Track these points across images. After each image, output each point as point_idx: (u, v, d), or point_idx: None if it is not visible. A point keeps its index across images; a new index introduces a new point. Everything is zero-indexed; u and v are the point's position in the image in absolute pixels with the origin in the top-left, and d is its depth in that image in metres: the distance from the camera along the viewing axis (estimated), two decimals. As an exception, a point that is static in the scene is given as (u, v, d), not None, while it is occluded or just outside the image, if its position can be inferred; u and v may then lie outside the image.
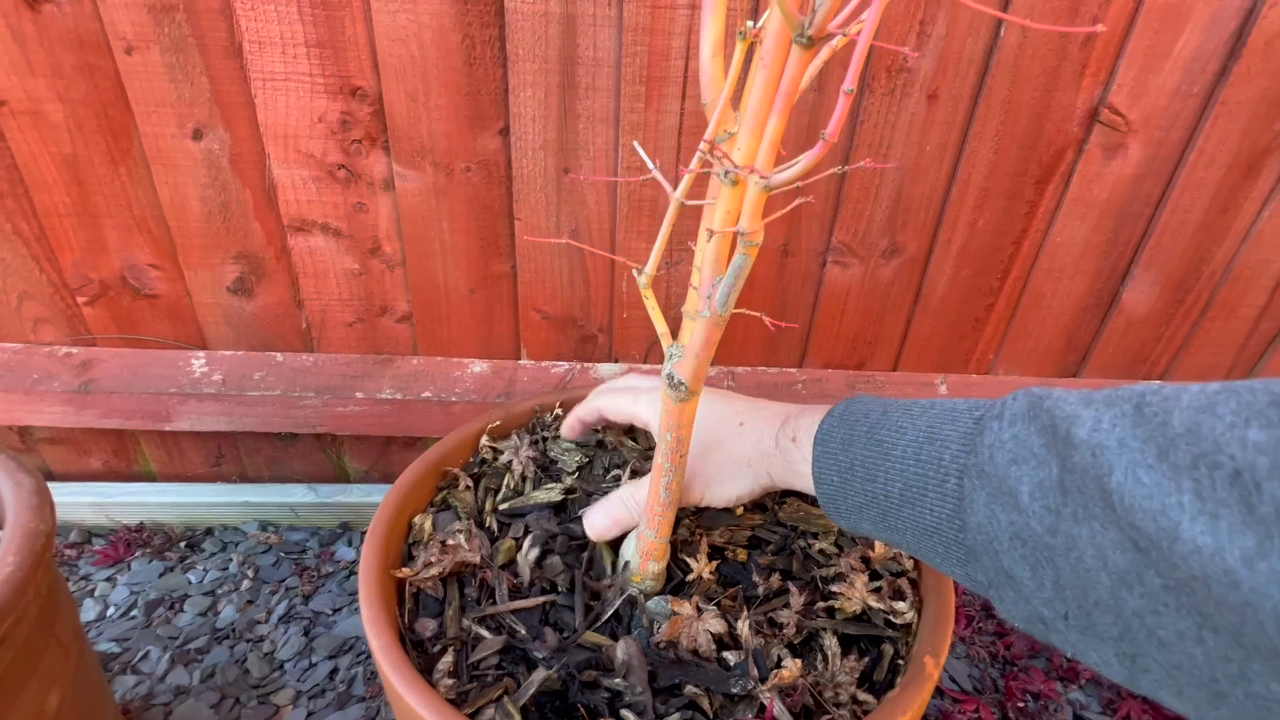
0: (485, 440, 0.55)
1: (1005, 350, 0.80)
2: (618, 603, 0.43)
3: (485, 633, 0.42)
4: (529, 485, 0.52)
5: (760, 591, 0.45)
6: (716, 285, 0.31)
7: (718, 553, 0.47)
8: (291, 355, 0.77)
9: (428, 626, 0.42)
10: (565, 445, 0.55)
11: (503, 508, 0.50)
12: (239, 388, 0.73)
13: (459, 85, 0.62)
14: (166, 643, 0.74)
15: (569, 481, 0.52)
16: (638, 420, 0.47)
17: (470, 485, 0.52)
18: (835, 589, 0.45)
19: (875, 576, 0.46)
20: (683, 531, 0.47)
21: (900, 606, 0.44)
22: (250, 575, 0.81)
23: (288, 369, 0.76)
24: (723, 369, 0.79)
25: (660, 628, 0.41)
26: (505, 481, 0.52)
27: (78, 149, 0.64)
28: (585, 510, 0.48)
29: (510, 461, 0.53)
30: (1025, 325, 0.78)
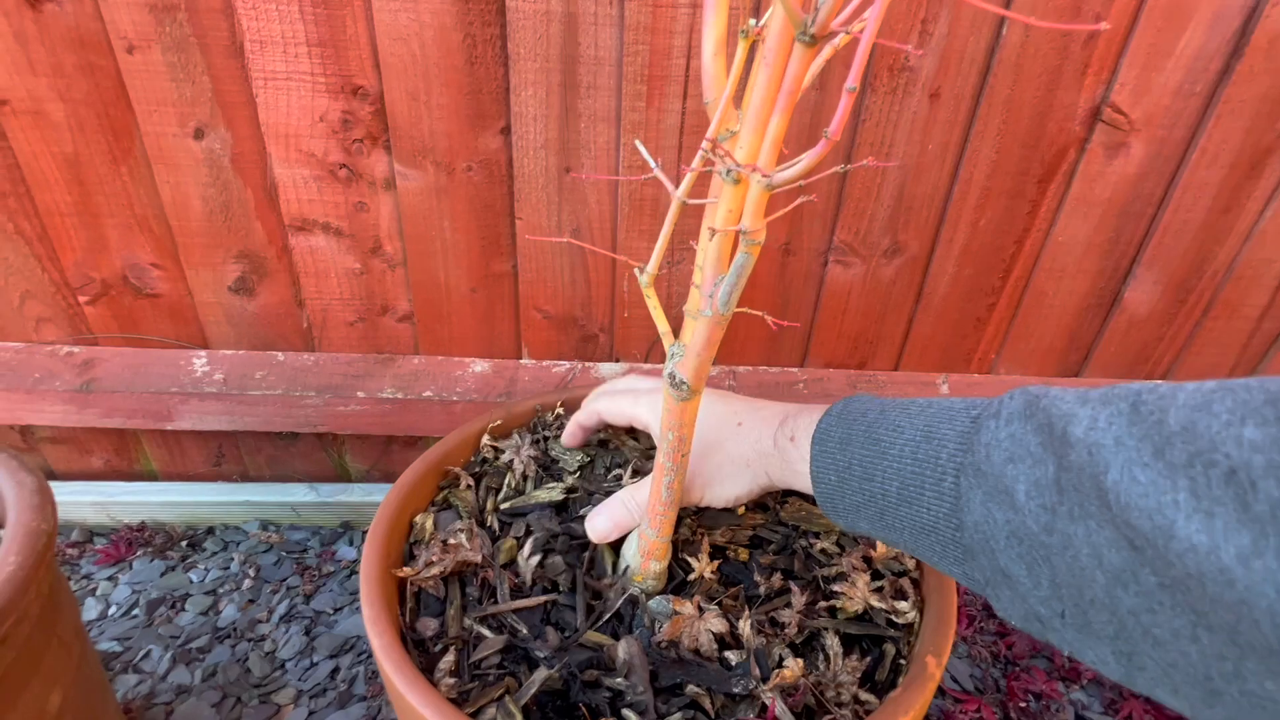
0: (486, 439, 0.55)
1: (1007, 350, 0.80)
2: (619, 602, 0.43)
3: (487, 632, 0.42)
4: (530, 484, 0.52)
5: (762, 591, 0.45)
6: (718, 284, 0.31)
7: (719, 552, 0.47)
8: (293, 354, 0.77)
9: (429, 626, 0.42)
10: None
11: (504, 507, 0.50)
12: (240, 387, 0.73)
13: (460, 84, 0.62)
14: (168, 642, 0.74)
15: (570, 481, 0.52)
16: (638, 423, 0.47)
17: (471, 484, 0.52)
18: (837, 588, 0.45)
19: (877, 576, 0.46)
20: (684, 531, 0.47)
21: (902, 606, 0.44)
22: (251, 574, 0.81)
23: (289, 368, 0.76)
24: (724, 368, 0.79)
25: (662, 627, 0.41)
26: (507, 481, 0.52)
27: (79, 148, 0.64)
28: (587, 512, 0.48)
29: (511, 461, 0.53)
30: (1027, 325, 0.78)
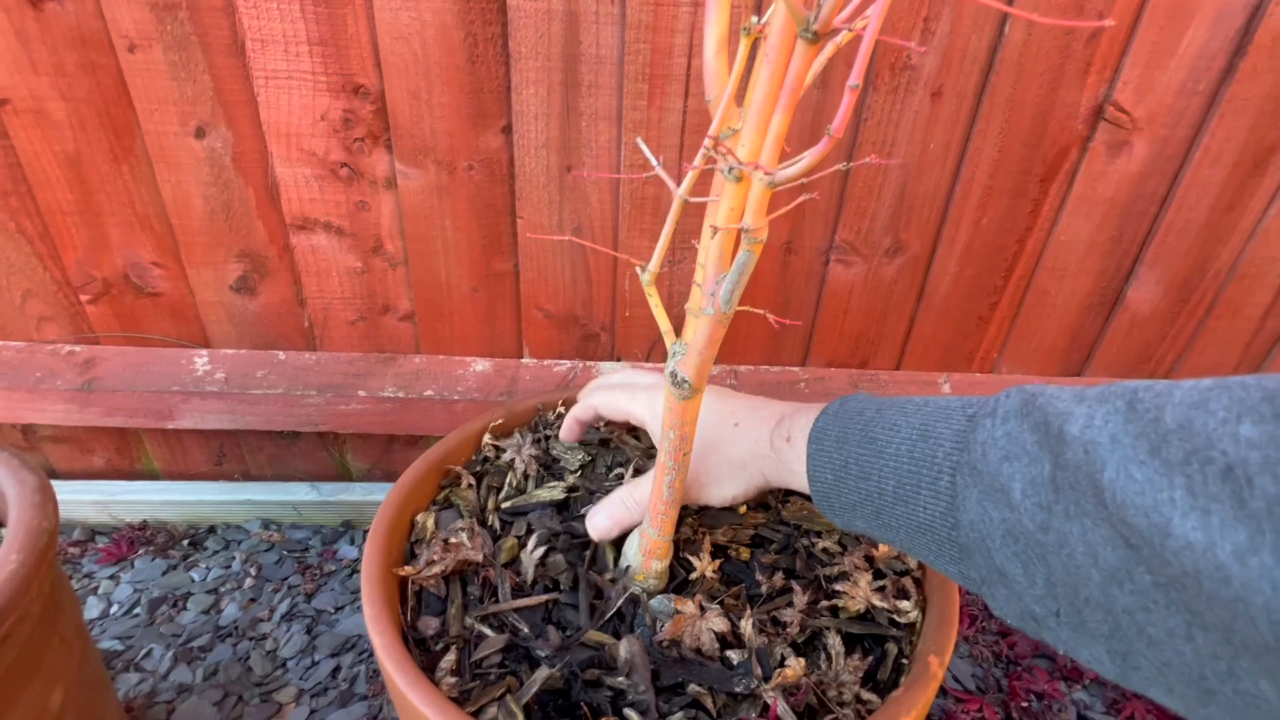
0: (488, 438, 0.55)
1: (1009, 349, 0.80)
2: (620, 601, 0.43)
3: (488, 631, 0.42)
4: (531, 483, 0.52)
5: (763, 590, 0.45)
6: (720, 282, 0.30)
7: (721, 551, 0.47)
8: (294, 353, 0.77)
9: (430, 625, 0.42)
10: (568, 444, 0.55)
11: (505, 506, 0.50)
12: (241, 386, 0.73)
13: (461, 83, 0.62)
14: (169, 640, 0.74)
15: (571, 480, 0.52)
16: (634, 418, 0.47)
17: (473, 483, 0.52)
18: (839, 588, 0.45)
19: (879, 575, 0.46)
20: (686, 530, 0.47)
21: (904, 605, 0.44)
22: (253, 573, 0.81)
23: (290, 367, 0.76)
24: (725, 367, 0.79)
25: (663, 626, 0.41)
26: (508, 480, 0.52)
27: (80, 147, 0.64)
28: (588, 511, 0.48)
29: (513, 460, 0.53)
30: (1029, 324, 0.78)
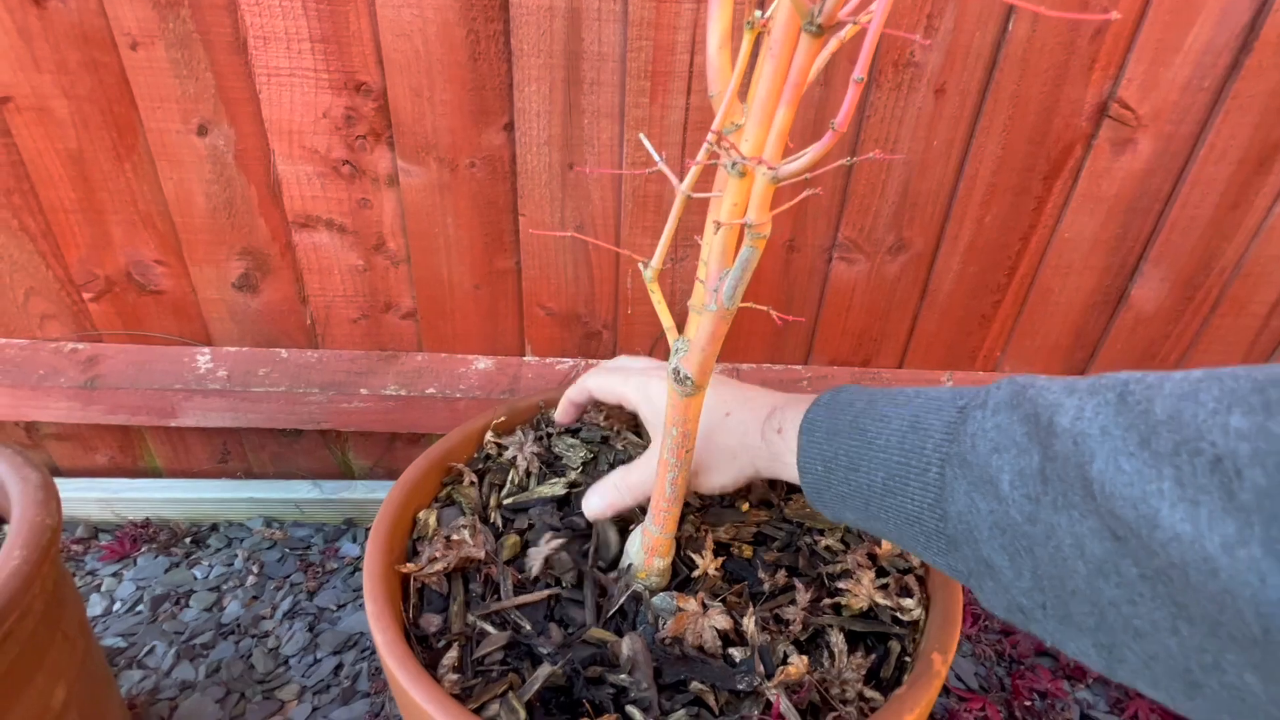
0: (490, 436, 0.55)
1: (1012, 347, 0.79)
2: (623, 599, 0.43)
3: (490, 628, 0.42)
4: (533, 481, 0.52)
5: (766, 588, 0.45)
6: (723, 278, 0.30)
7: (723, 549, 0.47)
8: (296, 351, 0.77)
9: (432, 622, 0.42)
10: (569, 441, 0.55)
11: (507, 503, 0.50)
12: (244, 384, 0.73)
13: (463, 80, 0.62)
14: (172, 638, 0.74)
15: (573, 476, 0.52)
16: (626, 401, 0.47)
17: (475, 481, 0.52)
18: (842, 585, 0.44)
19: (882, 573, 0.46)
20: (688, 528, 0.47)
21: (907, 603, 0.43)
22: (255, 571, 0.81)
23: (292, 365, 0.76)
24: (727, 366, 0.79)
25: (665, 624, 0.41)
26: (510, 477, 0.52)
27: (83, 145, 0.64)
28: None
29: (515, 457, 0.53)
30: (1033, 322, 0.77)
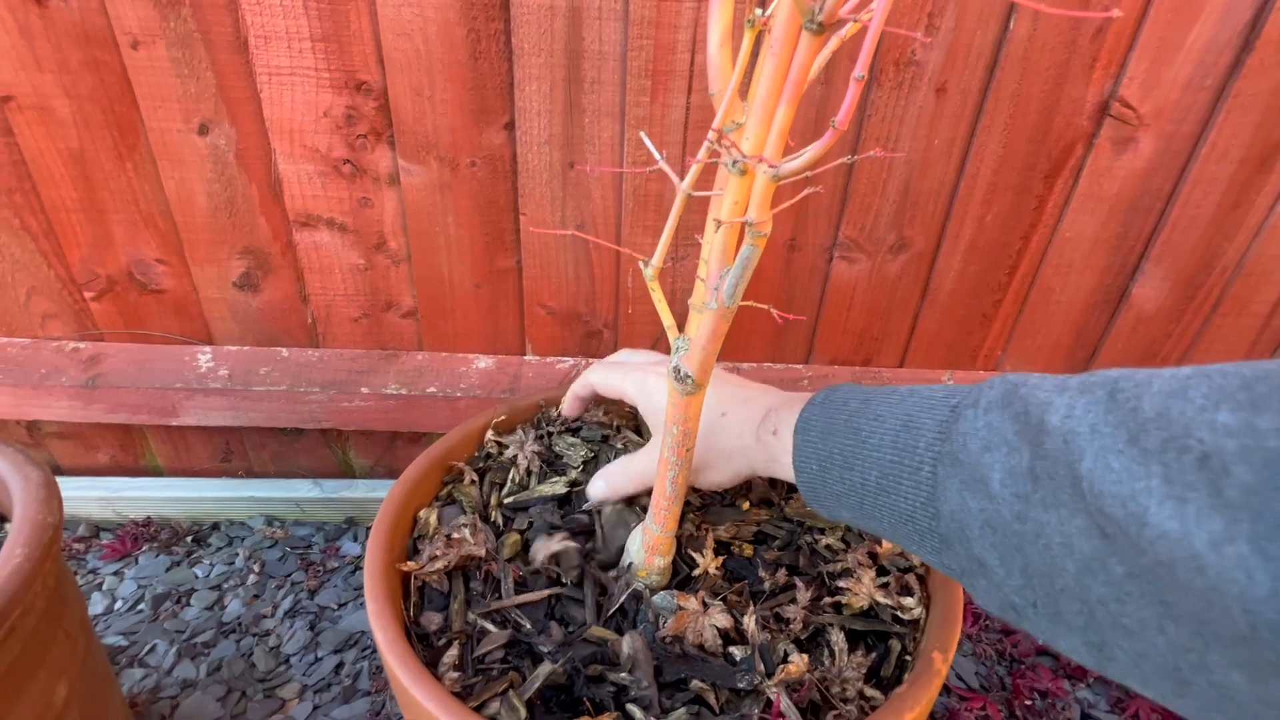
0: (490, 435, 0.55)
1: (1013, 346, 0.79)
2: (623, 597, 0.43)
3: (491, 626, 0.42)
4: (534, 479, 0.52)
5: (766, 587, 0.45)
6: (724, 277, 0.30)
7: (724, 548, 0.47)
8: (297, 350, 0.77)
9: (433, 620, 0.42)
10: (570, 440, 0.55)
11: (508, 502, 0.50)
12: (245, 383, 0.73)
13: (464, 79, 0.62)
14: (173, 636, 0.74)
15: (574, 475, 0.52)
16: (626, 397, 0.48)
17: (475, 479, 0.52)
18: (842, 584, 0.44)
19: (883, 572, 0.46)
20: (689, 527, 0.47)
21: (908, 602, 0.43)
22: (256, 570, 0.81)
23: (293, 364, 0.76)
24: (728, 364, 0.79)
25: (666, 622, 0.41)
26: (510, 476, 0.52)
27: (84, 144, 0.64)
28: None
29: (515, 456, 0.53)
30: (1033, 321, 0.77)
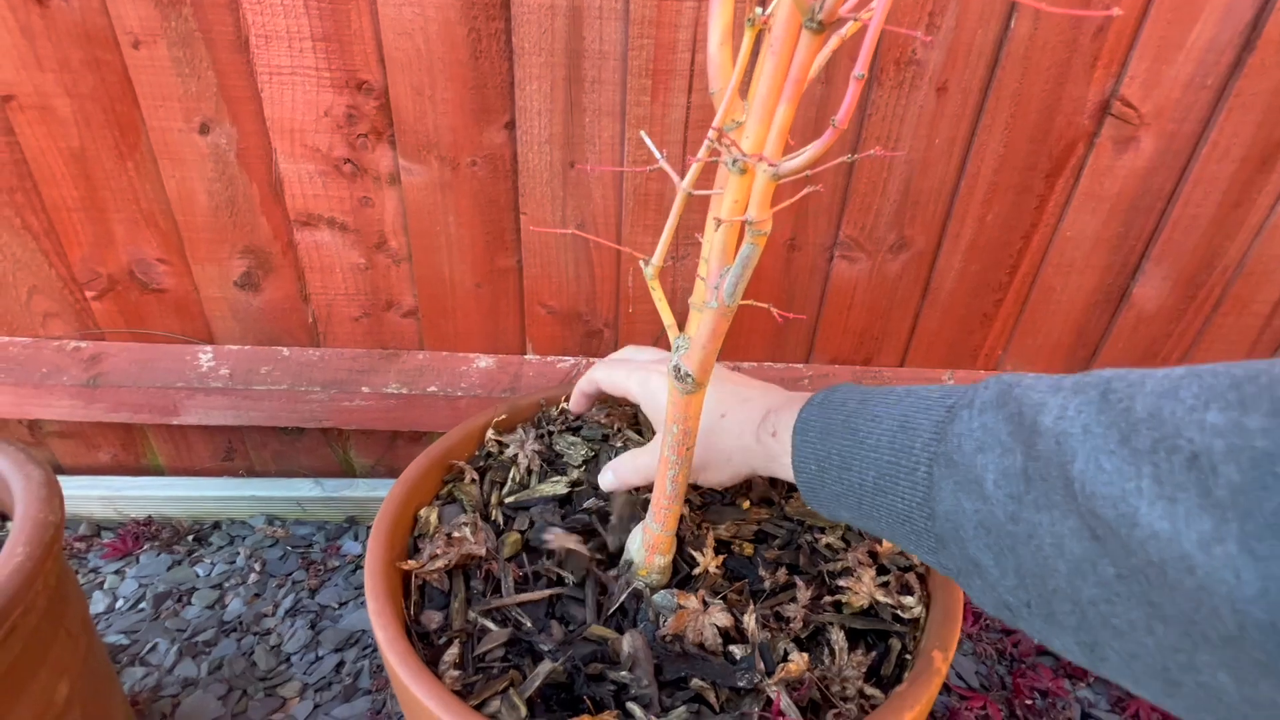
0: (491, 434, 0.55)
1: (1014, 346, 0.79)
2: (624, 596, 0.43)
3: (491, 625, 0.42)
4: (534, 478, 0.52)
5: (767, 586, 0.45)
6: (724, 275, 0.30)
7: (724, 547, 0.47)
8: (298, 350, 0.77)
9: (433, 619, 0.42)
10: (571, 439, 0.55)
11: (508, 501, 0.50)
12: (246, 382, 0.74)
13: (465, 79, 0.62)
14: (174, 635, 0.74)
15: (575, 475, 0.52)
16: (629, 394, 0.48)
17: (476, 479, 0.52)
18: (842, 583, 0.44)
19: (883, 571, 0.46)
20: (689, 526, 0.47)
21: (908, 601, 0.44)
22: (257, 569, 0.81)
23: (294, 363, 0.76)
24: (728, 364, 0.79)
25: (666, 621, 0.41)
26: (511, 475, 0.52)
27: (85, 143, 0.64)
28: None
29: (516, 455, 0.53)
30: (1034, 320, 0.77)
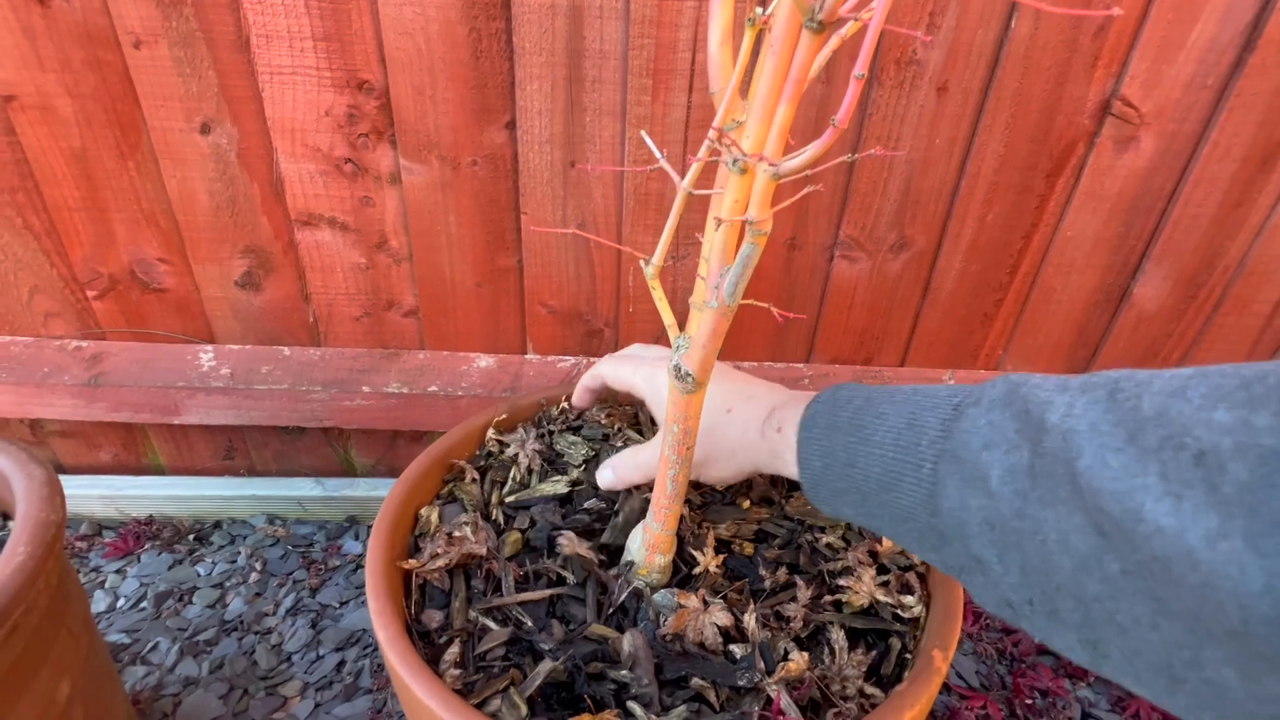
0: (491, 434, 0.55)
1: (1014, 346, 0.79)
2: (624, 596, 0.43)
3: (492, 624, 0.42)
4: (535, 478, 0.52)
5: (767, 585, 0.45)
6: (724, 275, 0.30)
7: (724, 546, 0.47)
8: (299, 349, 0.77)
9: (434, 618, 0.42)
10: (571, 439, 0.55)
11: (509, 500, 0.50)
12: (247, 381, 0.74)
13: (465, 78, 0.62)
14: (175, 634, 0.74)
15: (575, 474, 0.52)
16: (634, 389, 0.48)
17: (476, 478, 0.52)
18: (843, 583, 0.44)
19: (883, 570, 0.46)
20: (689, 525, 0.47)
21: (908, 600, 0.44)
22: (258, 568, 0.81)
23: (295, 363, 0.76)
24: (728, 363, 0.79)
25: (667, 620, 0.41)
26: (511, 474, 0.52)
27: (87, 143, 0.64)
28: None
29: (516, 455, 0.53)
30: (1034, 320, 0.77)
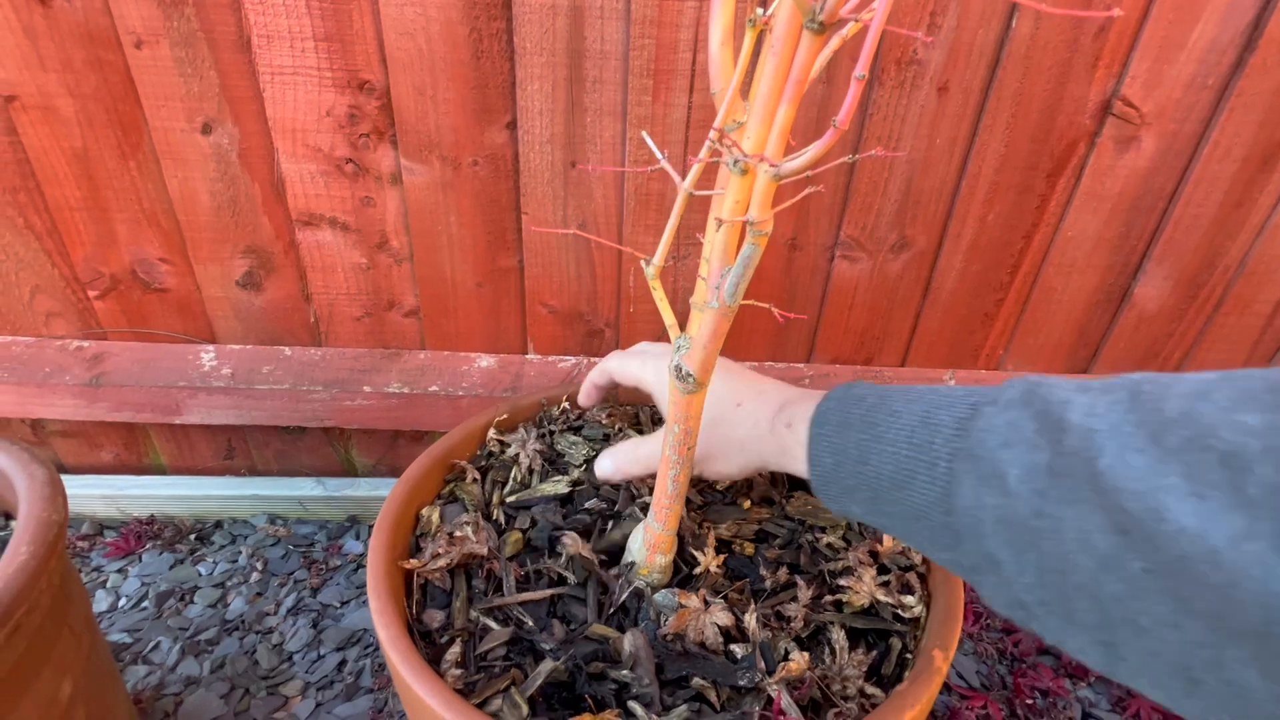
0: (492, 433, 0.55)
1: (1015, 346, 0.79)
2: (625, 595, 0.43)
3: (493, 624, 0.42)
4: (536, 478, 0.52)
5: (768, 585, 0.45)
6: (725, 275, 0.30)
7: (725, 546, 0.47)
8: (300, 349, 0.77)
9: (435, 618, 0.42)
10: (572, 439, 0.55)
11: (510, 500, 0.50)
12: (248, 381, 0.74)
13: (466, 79, 0.62)
14: (177, 634, 0.74)
15: (575, 474, 0.52)
16: (643, 385, 0.48)
17: (477, 478, 0.52)
18: (843, 583, 0.45)
19: (883, 570, 0.46)
20: (690, 525, 0.47)
21: (909, 600, 0.44)
22: (259, 568, 0.81)
23: (296, 363, 0.76)
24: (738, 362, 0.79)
25: (667, 620, 0.41)
26: (512, 474, 0.52)
27: (88, 143, 0.64)
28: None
29: (517, 454, 0.53)
30: (1035, 320, 0.77)
